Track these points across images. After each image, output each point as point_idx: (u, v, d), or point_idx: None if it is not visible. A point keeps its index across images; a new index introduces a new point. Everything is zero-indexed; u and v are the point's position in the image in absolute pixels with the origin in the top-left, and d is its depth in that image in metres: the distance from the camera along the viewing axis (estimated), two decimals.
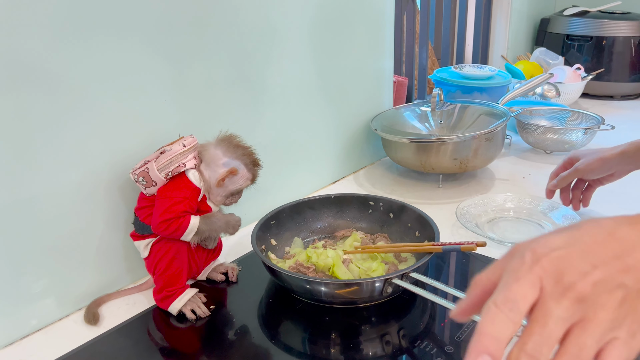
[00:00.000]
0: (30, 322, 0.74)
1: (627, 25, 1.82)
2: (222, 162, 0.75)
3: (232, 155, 0.76)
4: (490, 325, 0.33)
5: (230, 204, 0.80)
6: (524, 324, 0.34)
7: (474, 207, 1.02)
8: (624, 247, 0.35)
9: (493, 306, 0.34)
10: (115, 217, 0.80)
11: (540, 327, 0.33)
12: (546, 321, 0.33)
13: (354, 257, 0.84)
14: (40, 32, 0.67)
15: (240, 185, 0.77)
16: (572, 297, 0.33)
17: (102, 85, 0.74)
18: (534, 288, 0.34)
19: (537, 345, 0.33)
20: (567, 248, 0.35)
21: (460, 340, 0.69)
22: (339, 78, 1.15)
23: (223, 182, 0.75)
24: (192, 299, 0.76)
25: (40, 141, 0.70)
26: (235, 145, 0.76)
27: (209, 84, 0.88)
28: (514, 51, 2.02)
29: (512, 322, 0.33)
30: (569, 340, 0.33)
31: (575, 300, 0.33)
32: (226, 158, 0.75)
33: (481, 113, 1.25)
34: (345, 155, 1.24)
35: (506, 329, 0.33)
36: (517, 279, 0.34)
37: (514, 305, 0.33)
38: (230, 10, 0.88)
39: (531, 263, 0.34)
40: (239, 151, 0.76)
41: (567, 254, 0.34)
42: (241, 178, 0.77)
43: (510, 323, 0.33)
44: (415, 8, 1.58)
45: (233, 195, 0.78)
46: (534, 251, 0.35)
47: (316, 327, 0.74)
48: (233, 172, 0.75)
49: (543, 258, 0.34)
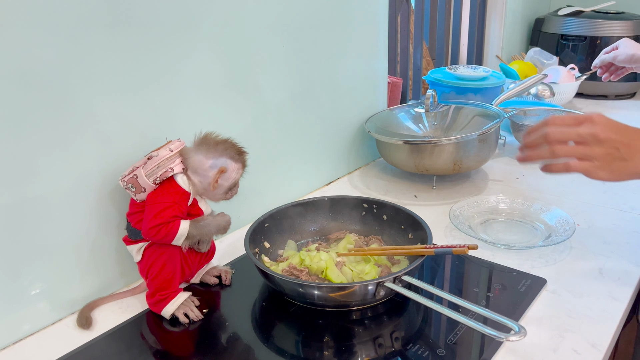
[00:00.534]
0: (23, 327, 0.74)
1: (621, 25, 1.83)
2: (207, 166, 0.75)
3: (215, 155, 0.75)
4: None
5: (231, 197, 0.80)
6: None
7: (467, 208, 1.02)
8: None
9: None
10: (108, 222, 0.80)
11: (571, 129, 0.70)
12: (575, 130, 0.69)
13: (347, 260, 0.84)
14: (31, 35, 0.66)
15: (234, 178, 0.77)
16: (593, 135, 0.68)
17: (94, 88, 0.74)
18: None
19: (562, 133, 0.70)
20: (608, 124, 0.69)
21: (452, 343, 0.69)
22: (333, 79, 1.15)
23: (217, 183, 0.75)
24: (185, 303, 0.76)
25: (32, 145, 0.69)
26: (215, 143, 0.76)
27: (202, 87, 0.88)
28: (508, 51, 2.03)
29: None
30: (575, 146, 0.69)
31: (592, 136, 0.68)
32: (210, 160, 0.75)
33: (475, 114, 1.25)
34: (340, 157, 1.24)
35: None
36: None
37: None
38: (222, 12, 0.88)
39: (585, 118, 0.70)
40: (220, 148, 0.76)
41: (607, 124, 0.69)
42: (232, 172, 0.77)
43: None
44: (410, 8, 1.58)
45: (231, 190, 0.79)
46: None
47: (309, 330, 0.74)
48: (223, 171, 0.75)
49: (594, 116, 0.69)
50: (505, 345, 0.69)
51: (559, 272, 0.84)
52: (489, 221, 1.01)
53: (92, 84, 0.74)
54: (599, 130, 0.67)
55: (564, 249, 0.91)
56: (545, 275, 0.83)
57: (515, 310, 0.75)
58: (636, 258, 0.87)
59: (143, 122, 0.81)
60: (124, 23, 0.75)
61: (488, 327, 0.62)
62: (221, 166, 0.75)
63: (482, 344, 0.69)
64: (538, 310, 0.76)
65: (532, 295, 0.78)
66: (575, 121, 0.69)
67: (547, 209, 1.00)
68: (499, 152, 1.37)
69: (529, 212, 1.01)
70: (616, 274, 0.83)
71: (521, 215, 1.01)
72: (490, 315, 0.64)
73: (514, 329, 0.61)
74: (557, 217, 0.97)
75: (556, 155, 0.70)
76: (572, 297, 0.78)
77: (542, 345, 0.69)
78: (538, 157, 0.72)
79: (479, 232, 0.96)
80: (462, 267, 0.88)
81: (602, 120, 0.69)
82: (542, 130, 0.71)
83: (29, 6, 0.65)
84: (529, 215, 1.01)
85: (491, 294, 0.79)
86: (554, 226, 0.95)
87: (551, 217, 0.98)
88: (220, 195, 0.78)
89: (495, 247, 0.91)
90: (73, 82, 0.72)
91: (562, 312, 0.75)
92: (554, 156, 0.70)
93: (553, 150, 0.70)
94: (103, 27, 0.73)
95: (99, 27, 0.73)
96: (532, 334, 0.71)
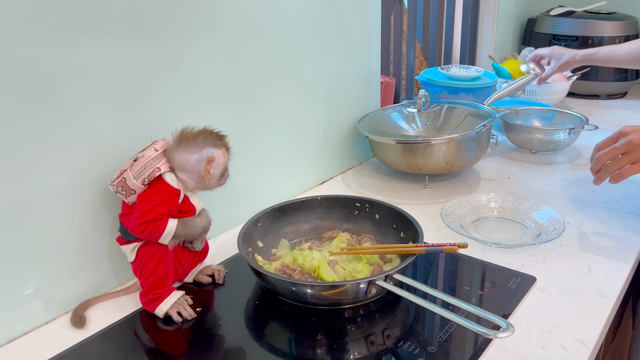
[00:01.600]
0: (17, 326, 0.74)
1: (612, 25, 1.84)
2: (193, 161, 0.75)
3: (197, 148, 0.75)
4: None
5: (224, 182, 0.81)
6: None
7: (459, 207, 1.03)
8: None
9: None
10: (101, 222, 0.81)
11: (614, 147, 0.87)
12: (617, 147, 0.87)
13: (339, 259, 0.85)
14: (24, 34, 0.67)
15: (222, 163, 0.78)
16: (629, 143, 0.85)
17: (86, 88, 0.74)
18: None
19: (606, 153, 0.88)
20: None
21: (442, 340, 0.70)
22: (326, 79, 1.16)
23: (210, 173, 0.76)
24: (178, 302, 0.77)
25: (26, 144, 0.70)
26: (193, 137, 0.75)
27: (194, 86, 0.89)
28: (501, 51, 2.04)
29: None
30: (621, 157, 0.86)
31: (628, 144, 0.85)
32: (194, 155, 0.75)
33: (467, 114, 1.26)
34: (333, 156, 1.24)
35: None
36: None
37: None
38: (215, 11, 0.89)
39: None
40: (199, 139, 0.75)
41: None
42: (219, 158, 0.77)
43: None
44: (403, 8, 1.59)
45: (222, 176, 0.79)
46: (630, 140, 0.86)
47: (302, 329, 0.74)
48: (211, 160, 0.75)
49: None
50: (495, 342, 0.70)
51: (548, 270, 0.85)
52: (480, 220, 1.02)
53: (84, 84, 0.74)
54: (632, 138, 0.85)
55: (554, 247, 0.92)
56: (535, 273, 0.84)
57: (505, 307, 0.76)
58: (624, 256, 0.88)
59: (136, 122, 0.82)
60: (117, 23, 0.76)
61: (478, 325, 0.62)
62: (207, 157, 0.75)
63: (473, 341, 0.70)
64: (528, 308, 0.77)
65: (522, 293, 0.79)
66: (611, 140, 0.88)
67: (537, 207, 1.01)
68: (491, 151, 1.38)
69: (519, 211, 1.02)
70: (605, 271, 0.85)
71: (512, 214, 1.02)
72: (480, 313, 0.65)
73: (503, 326, 0.61)
74: (548, 215, 0.98)
75: (610, 170, 0.88)
76: (561, 295, 0.79)
77: (531, 342, 0.70)
78: (603, 176, 0.89)
79: (470, 231, 0.97)
80: (454, 266, 0.89)
81: (630, 129, 0.86)
82: (594, 157, 0.90)
83: (21, 5, 0.66)
84: (520, 214, 1.02)
85: (482, 292, 0.80)
86: (544, 225, 0.96)
87: (541, 215, 0.99)
88: (214, 184, 0.79)
89: (486, 246, 0.92)
90: (65, 81, 0.72)
91: (551, 310, 0.76)
92: (610, 172, 0.88)
93: (607, 168, 0.88)
94: (97, 27, 0.73)
95: (93, 27, 0.73)
96: (521, 330, 0.72)
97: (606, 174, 0.88)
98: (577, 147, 1.39)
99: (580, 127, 1.31)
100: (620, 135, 0.87)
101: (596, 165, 0.90)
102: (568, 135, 1.31)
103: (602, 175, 0.89)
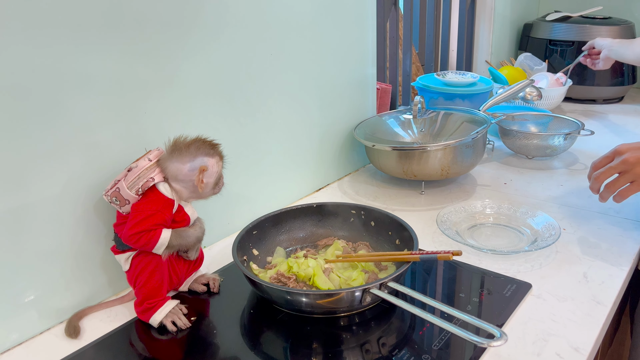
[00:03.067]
0: (11, 337, 0.74)
1: (608, 30, 1.85)
2: (186, 170, 0.75)
3: (189, 157, 0.75)
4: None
5: (219, 190, 0.80)
6: None
7: (454, 214, 1.03)
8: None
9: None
10: (96, 231, 0.80)
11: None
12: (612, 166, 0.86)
13: (334, 266, 0.85)
14: (20, 43, 0.67)
15: (216, 172, 0.77)
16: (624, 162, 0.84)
17: (81, 97, 0.74)
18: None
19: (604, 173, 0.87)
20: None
21: (437, 348, 0.70)
22: (321, 86, 1.16)
23: (203, 182, 0.76)
24: (172, 311, 0.76)
25: (21, 154, 0.70)
26: (186, 146, 0.75)
27: (189, 96, 0.89)
28: (497, 56, 2.05)
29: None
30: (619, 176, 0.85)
31: (624, 163, 0.84)
32: (187, 165, 0.75)
33: (463, 120, 1.26)
34: (329, 163, 1.25)
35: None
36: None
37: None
38: (211, 21, 0.89)
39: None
40: (192, 149, 0.75)
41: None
42: (212, 167, 0.76)
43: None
44: (399, 14, 1.59)
45: (217, 184, 0.79)
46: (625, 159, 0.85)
47: (297, 337, 0.74)
48: (204, 169, 0.75)
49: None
50: (490, 350, 0.69)
51: (544, 276, 0.85)
52: (476, 226, 1.02)
53: (80, 93, 0.74)
54: (628, 156, 0.84)
55: (550, 253, 0.92)
56: (531, 280, 0.84)
57: (501, 315, 0.76)
58: (620, 262, 0.88)
59: (131, 131, 0.82)
60: (114, 32, 0.76)
61: (471, 334, 0.62)
62: (200, 166, 0.75)
63: (467, 349, 0.70)
64: (523, 315, 0.76)
65: (517, 300, 0.79)
66: (607, 159, 0.87)
67: (533, 213, 1.01)
68: (487, 157, 1.38)
69: (515, 217, 1.02)
70: (600, 278, 0.84)
71: (507, 220, 1.02)
72: (474, 321, 0.65)
73: (496, 334, 0.61)
74: (544, 222, 0.98)
75: (611, 190, 0.87)
76: (556, 302, 0.79)
77: (527, 349, 0.69)
78: (606, 196, 0.88)
79: (466, 238, 0.96)
80: (450, 273, 0.88)
81: (625, 148, 0.85)
82: (592, 176, 0.89)
83: (16, 14, 0.66)
84: (516, 220, 1.02)
85: (477, 299, 0.80)
86: (540, 231, 0.96)
87: (537, 221, 0.99)
88: (209, 193, 0.79)
89: (481, 253, 0.92)
90: (61, 90, 0.72)
91: (546, 317, 0.76)
92: (611, 192, 0.87)
93: (608, 188, 0.87)
94: (94, 36, 0.74)
95: (90, 36, 0.73)
96: (516, 338, 0.72)
97: (608, 194, 0.88)
98: (574, 153, 1.40)
99: (576, 132, 1.31)
100: (615, 154, 0.87)
101: (595, 185, 0.90)
102: (564, 140, 1.31)
103: (605, 195, 0.89)
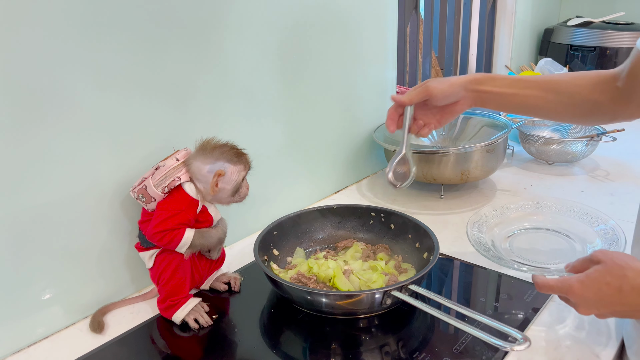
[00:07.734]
0: (37, 330, 0.76)
1: (630, 36, 1.83)
2: (205, 171, 0.76)
3: (211, 160, 0.76)
4: None
5: (241, 199, 0.80)
6: None
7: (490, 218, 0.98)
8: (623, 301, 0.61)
9: None
10: (120, 228, 0.82)
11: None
12: None
13: (354, 268, 0.85)
14: (42, 41, 0.68)
15: (235, 180, 0.77)
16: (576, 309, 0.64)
17: (107, 98, 0.76)
18: None
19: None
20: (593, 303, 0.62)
21: (457, 352, 0.70)
22: (342, 89, 1.17)
23: (217, 187, 0.76)
24: (195, 309, 0.77)
25: (46, 152, 0.71)
26: (211, 148, 0.76)
27: (212, 96, 0.90)
28: (517, 61, 2.03)
29: None
30: None
31: (576, 308, 0.64)
32: (207, 166, 0.76)
33: (483, 124, 1.26)
34: (348, 165, 1.25)
35: None
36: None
37: None
38: (233, 21, 0.90)
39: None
40: (217, 152, 0.76)
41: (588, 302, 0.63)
42: (232, 174, 0.77)
43: None
44: (419, 18, 1.59)
45: (238, 192, 0.79)
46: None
47: (317, 337, 0.75)
48: (220, 174, 0.76)
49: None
50: (510, 355, 0.69)
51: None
52: (514, 235, 0.97)
53: (106, 95, 0.76)
54: (579, 309, 0.63)
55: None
56: None
57: (522, 320, 0.76)
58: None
59: (156, 132, 0.83)
60: (143, 32, 0.77)
61: (493, 337, 0.62)
62: (218, 170, 0.75)
63: (488, 354, 0.70)
64: (544, 320, 0.76)
65: (538, 306, 0.79)
66: (561, 293, 0.65)
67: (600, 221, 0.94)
68: (507, 162, 1.38)
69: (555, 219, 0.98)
70: None
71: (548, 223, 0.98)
72: (496, 325, 0.65)
73: (519, 338, 0.61)
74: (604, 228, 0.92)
75: None
76: None
77: (548, 356, 0.69)
78: None
79: (500, 249, 0.92)
80: (468, 277, 0.88)
81: (578, 295, 0.62)
82: None
83: (45, 8, 0.67)
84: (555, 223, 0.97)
85: (498, 304, 0.80)
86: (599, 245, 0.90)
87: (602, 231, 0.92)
88: (227, 199, 0.79)
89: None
90: (89, 90, 0.73)
91: (568, 323, 0.75)
92: None
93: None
94: (127, 39, 0.75)
95: (124, 39, 0.75)
96: (537, 344, 0.71)
97: None
98: (595, 159, 1.38)
99: (597, 138, 1.30)
100: (568, 293, 0.64)
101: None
102: (585, 146, 1.30)
103: None
